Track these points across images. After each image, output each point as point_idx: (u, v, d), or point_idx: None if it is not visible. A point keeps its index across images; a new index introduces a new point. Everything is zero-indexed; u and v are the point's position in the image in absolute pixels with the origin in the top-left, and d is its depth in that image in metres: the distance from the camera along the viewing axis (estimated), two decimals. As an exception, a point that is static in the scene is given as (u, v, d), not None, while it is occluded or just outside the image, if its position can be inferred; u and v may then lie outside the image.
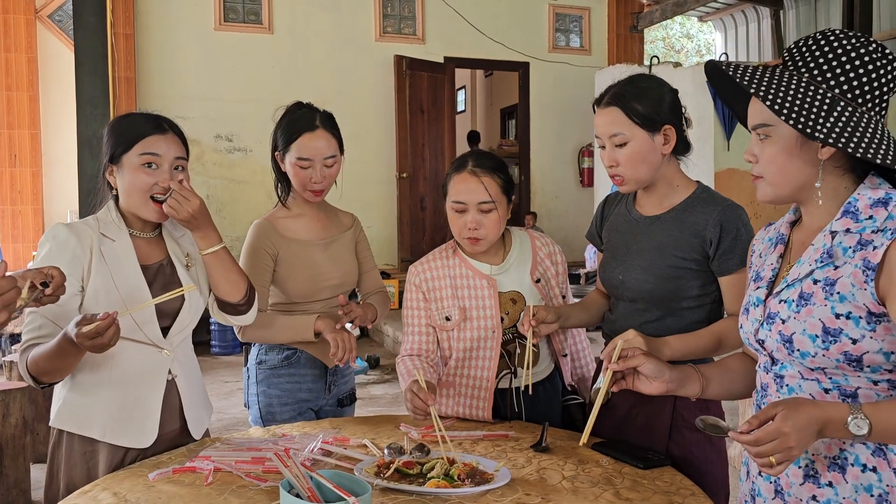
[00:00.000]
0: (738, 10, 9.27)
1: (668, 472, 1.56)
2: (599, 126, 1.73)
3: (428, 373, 1.90)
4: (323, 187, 2.11)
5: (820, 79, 1.18)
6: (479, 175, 1.89)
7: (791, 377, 1.24)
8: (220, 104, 7.31)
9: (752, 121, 1.25)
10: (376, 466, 1.53)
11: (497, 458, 1.63)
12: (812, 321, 1.17)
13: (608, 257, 1.86)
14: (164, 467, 1.58)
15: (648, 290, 1.73)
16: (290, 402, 2.14)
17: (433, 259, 2.02)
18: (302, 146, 2.06)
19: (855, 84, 1.17)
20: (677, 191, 1.76)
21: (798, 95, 1.16)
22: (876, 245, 1.14)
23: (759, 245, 1.41)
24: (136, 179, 1.69)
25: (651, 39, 15.41)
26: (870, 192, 1.18)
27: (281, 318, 2.09)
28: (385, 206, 7.75)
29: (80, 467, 1.68)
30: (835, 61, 1.18)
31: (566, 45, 8.53)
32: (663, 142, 1.70)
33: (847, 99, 1.17)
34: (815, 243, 1.22)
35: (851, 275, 1.15)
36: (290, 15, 7.53)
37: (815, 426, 1.09)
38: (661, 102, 1.70)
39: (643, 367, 1.38)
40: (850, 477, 1.18)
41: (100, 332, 1.44)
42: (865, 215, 1.16)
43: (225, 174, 7.42)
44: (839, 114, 1.15)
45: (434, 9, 7.94)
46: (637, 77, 1.74)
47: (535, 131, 8.49)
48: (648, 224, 1.78)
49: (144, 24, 7.11)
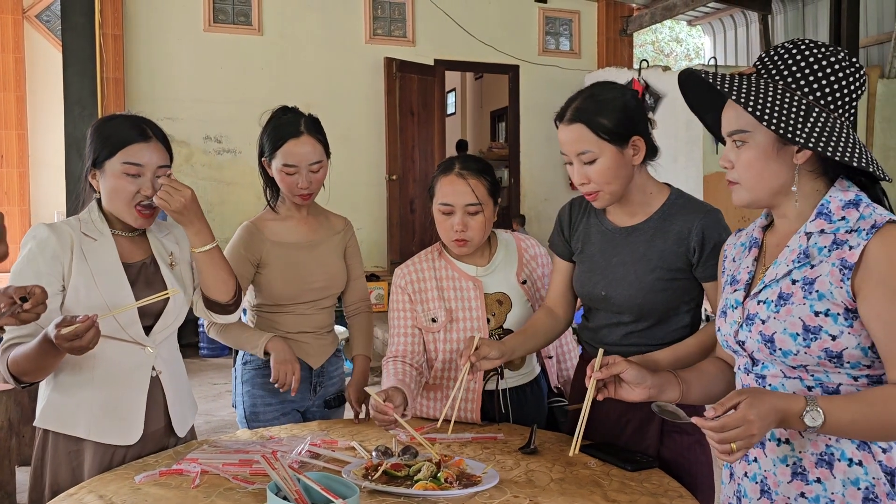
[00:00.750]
0: (726, 14, 9.32)
1: (656, 473, 1.57)
2: (565, 144, 1.66)
3: (409, 376, 1.90)
4: (310, 191, 2.10)
5: (794, 86, 1.22)
6: (465, 177, 1.90)
7: (773, 377, 1.26)
8: (210, 105, 7.28)
9: (728, 127, 1.28)
10: (364, 469, 1.53)
11: (485, 461, 1.63)
12: (792, 320, 1.20)
13: (584, 271, 1.79)
14: (150, 470, 1.58)
15: (638, 304, 1.69)
16: (273, 403, 2.14)
17: (419, 261, 2.03)
18: (287, 153, 2.05)
19: (827, 91, 1.22)
20: (651, 198, 1.72)
21: (776, 102, 1.19)
22: (852, 245, 1.18)
23: (730, 250, 1.43)
24: (118, 187, 1.69)
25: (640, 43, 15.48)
26: (841, 195, 1.22)
27: (236, 328, 2.08)
28: (374, 208, 7.74)
29: (65, 467, 1.67)
30: (807, 69, 1.22)
31: (556, 49, 8.55)
32: (633, 153, 1.65)
33: (820, 105, 1.21)
34: (791, 245, 1.25)
35: (829, 273, 1.18)
36: (280, 16, 7.51)
37: (775, 415, 1.13)
38: (626, 113, 1.63)
39: (625, 374, 1.39)
40: (837, 472, 1.20)
41: (78, 334, 1.44)
42: (838, 216, 1.21)
43: (214, 175, 7.38)
44: (815, 119, 1.19)
45: (424, 11, 7.94)
46: (597, 88, 1.68)
47: (524, 134, 8.50)
48: (626, 235, 1.73)
49: (133, 25, 7.07)
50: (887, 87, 7.17)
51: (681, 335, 1.70)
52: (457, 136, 11.41)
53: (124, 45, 6.99)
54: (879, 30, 7.72)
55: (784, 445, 1.25)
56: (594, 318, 1.82)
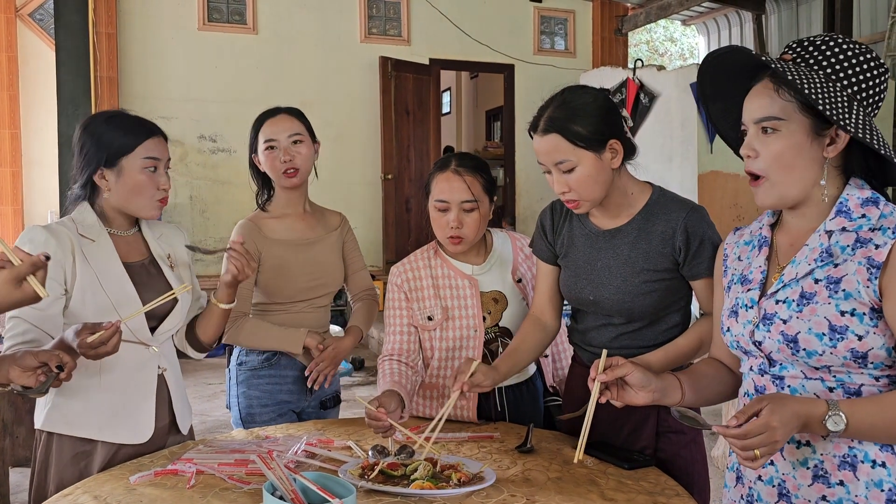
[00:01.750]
0: (720, 14, 9.34)
1: (653, 472, 1.57)
2: (541, 154, 1.62)
3: (405, 376, 1.90)
4: (294, 166, 2.11)
5: (834, 77, 1.20)
6: (461, 174, 1.90)
7: (793, 377, 1.24)
8: (204, 104, 7.26)
9: (759, 113, 1.23)
10: (360, 468, 1.52)
11: (482, 460, 1.62)
12: (817, 319, 1.18)
13: (570, 275, 1.76)
14: (145, 470, 1.57)
15: (628, 307, 1.67)
16: (269, 404, 2.13)
17: (415, 260, 2.03)
18: (266, 131, 2.13)
19: (863, 87, 1.21)
20: (633, 199, 1.69)
21: (824, 89, 1.17)
22: (878, 244, 1.16)
23: (733, 249, 1.41)
24: (142, 182, 1.71)
25: (635, 42, 15.49)
26: (858, 192, 1.21)
27: (269, 328, 2.09)
28: (370, 207, 7.73)
29: (72, 469, 1.67)
30: (846, 63, 1.20)
31: (551, 48, 8.55)
32: (611, 156, 1.61)
33: (857, 99, 1.20)
34: (811, 243, 1.23)
35: (856, 272, 1.17)
36: (275, 15, 7.50)
37: (797, 421, 1.12)
38: (600, 117, 1.60)
39: (630, 377, 1.35)
40: (861, 474, 1.18)
41: (104, 341, 1.49)
42: (858, 214, 1.20)
43: (209, 175, 7.36)
44: (857, 111, 1.18)
45: (419, 11, 7.94)
46: (569, 94, 1.64)
47: (520, 133, 8.50)
48: (610, 238, 1.70)
49: (127, 23, 7.05)
50: (881, 87, 7.18)
51: (672, 335, 1.69)
52: (452, 135, 11.40)
53: (118, 44, 6.96)
54: (873, 29, 7.74)
55: (805, 448, 1.23)
56: (583, 320, 1.80)
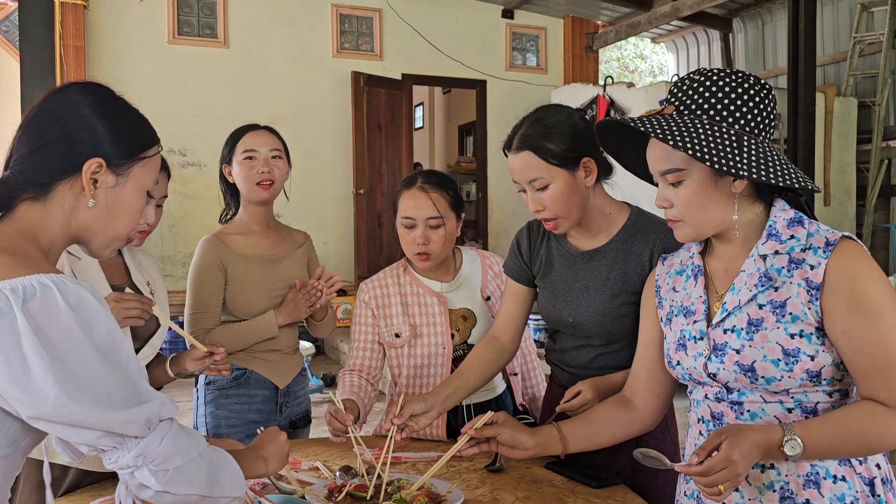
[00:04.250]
0: (689, 32, 9.51)
1: (621, 490, 1.57)
2: (515, 172, 1.63)
3: (363, 390, 1.91)
4: (270, 178, 2.10)
5: (718, 118, 1.22)
6: (427, 191, 1.91)
7: (752, 402, 1.25)
8: (174, 118, 7.17)
9: (660, 167, 1.26)
10: (328, 490, 1.50)
11: (450, 479, 1.61)
12: (770, 346, 1.20)
13: (548, 296, 1.76)
14: (107, 494, 1.53)
15: (607, 329, 1.67)
16: (238, 424, 2.10)
17: (384, 276, 2.02)
18: (246, 142, 2.13)
19: (749, 118, 1.22)
20: (611, 219, 1.69)
21: (708, 137, 1.19)
22: (812, 264, 1.19)
23: (665, 280, 1.43)
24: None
25: (606, 59, 15.68)
26: (783, 214, 1.25)
27: (238, 327, 2.09)
28: (342, 222, 7.69)
29: (38, 494, 1.62)
30: (726, 100, 1.22)
31: (523, 64, 8.62)
32: (585, 175, 1.61)
33: (746, 132, 1.22)
34: (747, 269, 1.26)
35: (798, 294, 1.19)
36: (247, 30, 7.46)
37: (757, 451, 1.13)
38: (573, 135, 1.60)
39: (501, 438, 1.47)
40: (825, 491, 1.20)
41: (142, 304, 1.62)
42: (786, 235, 1.23)
43: (178, 189, 7.26)
44: (747, 148, 1.20)
45: (392, 26, 7.96)
46: (542, 112, 1.64)
47: (492, 148, 8.53)
48: (588, 259, 1.70)
49: (95, 36, 6.96)
50: (843, 105, 7.35)
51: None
52: (425, 150, 11.43)
53: (86, 57, 6.86)
54: (835, 49, 7.94)
55: (769, 471, 1.24)
56: (561, 340, 1.80)
